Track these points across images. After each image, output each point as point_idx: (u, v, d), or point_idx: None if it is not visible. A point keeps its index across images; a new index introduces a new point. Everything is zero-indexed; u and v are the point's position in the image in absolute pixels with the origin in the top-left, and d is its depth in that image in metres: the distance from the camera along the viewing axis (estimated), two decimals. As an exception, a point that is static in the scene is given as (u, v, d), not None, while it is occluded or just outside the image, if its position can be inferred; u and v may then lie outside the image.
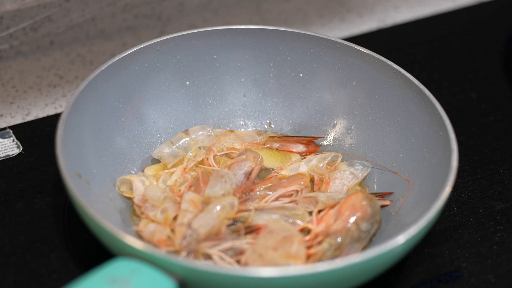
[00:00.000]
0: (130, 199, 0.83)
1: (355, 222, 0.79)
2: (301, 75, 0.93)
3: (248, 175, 0.86)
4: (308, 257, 0.77)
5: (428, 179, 0.81)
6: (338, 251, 0.78)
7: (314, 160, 0.88)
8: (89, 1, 1.05)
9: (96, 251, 0.77)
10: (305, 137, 0.91)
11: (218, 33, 0.91)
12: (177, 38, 0.90)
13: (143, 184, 0.83)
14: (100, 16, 1.07)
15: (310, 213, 0.82)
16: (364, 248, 0.79)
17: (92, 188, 0.80)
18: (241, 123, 0.94)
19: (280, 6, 1.18)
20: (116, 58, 0.86)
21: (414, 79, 0.86)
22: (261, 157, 0.88)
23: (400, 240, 0.71)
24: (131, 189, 0.83)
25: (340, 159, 0.88)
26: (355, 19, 1.17)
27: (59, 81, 1.03)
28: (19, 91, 1.01)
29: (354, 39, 1.05)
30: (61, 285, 0.77)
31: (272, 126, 0.94)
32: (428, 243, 0.83)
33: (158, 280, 0.68)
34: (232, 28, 0.92)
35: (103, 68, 0.85)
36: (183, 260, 0.69)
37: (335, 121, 0.92)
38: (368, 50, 0.89)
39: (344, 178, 0.86)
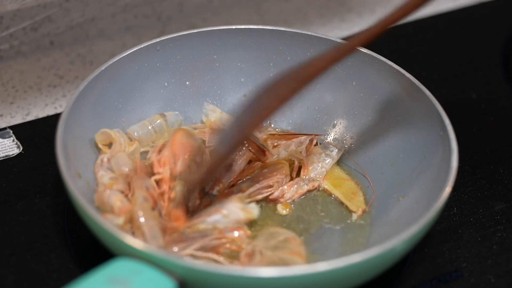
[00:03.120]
0: (99, 150, 0.84)
1: (191, 159, 0.83)
2: (301, 75, 0.93)
3: (228, 167, 0.87)
4: (169, 202, 0.80)
5: (428, 179, 0.81)
6: (186, 189, 0.81)
7: (292, 145, 0.88)
8: (89, 1, 1.05)
9: (96, 251, 0.77)
10: (304, 134, 0.91)
11: (218, 33, 0.91)
12: (177, 38, 0.90)
13: (120, 145, 0.84)
14: (100, 16, 1.07)
15: None
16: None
17: (92, 188, 0.80)
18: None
19: (280, 6, 1.18)
20: (116, 58, 0.86)
21: (414, 79, 0.86)
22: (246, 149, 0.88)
23: (400, 240, 0.71)
24: (107, 144, 0.84)
25: (315, 140, 0.89)
26: (355, 19, 1.17)
27: (59, 81, 1.03)
28: (19, 91, 1.01)
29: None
30: (61, 285, 0.77)
31: (272, 126, 0.94)
32: (428, 243, 0.83)
33: (158, 280, 0.68)
34: (232, 28, 0.92)
35: (103, 68, 0.85)
36: (183, 260, 0.69)
37: (335, 121, 0.92)
38: (368, 50, 0.89)
39: (321, 161, 0.88)
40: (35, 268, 0.80)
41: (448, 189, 0.75)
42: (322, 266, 0.68)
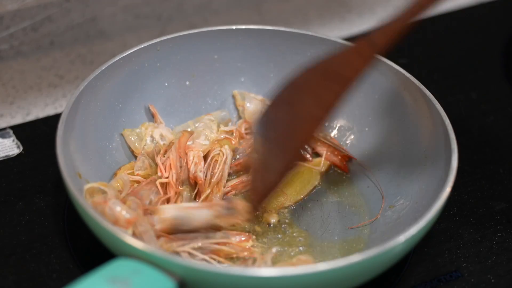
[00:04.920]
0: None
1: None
2: (301, 75, 0.93)
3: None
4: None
5: (428, 179, 0.81)
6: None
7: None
8: (90, 1, 1.05)
9: (96, 251, 0.77)
10: (343, 151, 0.89)
11: (218, 33, 0.92)
12: (177, 38, 0.90)
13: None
14: (100, 16, 1.07)
15: None
16: None
17: (92, 188, 0.80)
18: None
19: (280, 6, 1.18)
20: (116, 58, 0.86)
21: (414, 79, 0.86)
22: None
23: (400, 240, 0.71)
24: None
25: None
26: (355, 19, 1.17)
27: (59, 81, 1.03)
28: (19, 91, 1.01)
29: (354, 39, 1.05)
30: (61, 285, 0.77)
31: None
32: (428, 243, 0.83)
33: (158, 280, 0.68)
34: (232, 28, 0.92)
35: (103, 68, 0.85)
36: (183, 260, 0.69)
37: (335, 122, 0.92)
38: (368, 50, 0.89)
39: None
40: (35, 268, 0.80)
41: (448, 189, 0.75)
42: (322, 266, 0.68)
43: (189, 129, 0.89)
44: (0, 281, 0.78)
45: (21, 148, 0.92)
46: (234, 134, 0.88)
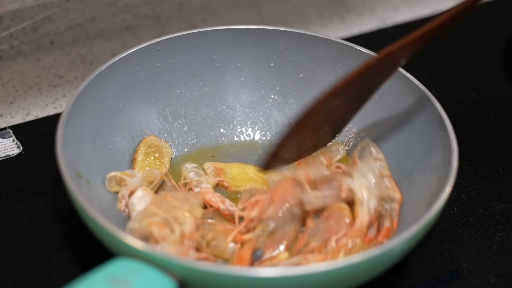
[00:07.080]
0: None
1: (288, 208, 0.80)
2: (301, 75, 0.93)
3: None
4: (242, 243, 0.78)
5: (428, 179, 0.81)
6: (271, 236, 0.79)
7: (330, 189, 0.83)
8: (89, 1, 1.05)
9: (96, 251, 0.77)
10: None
11: (218, 33, 0.92)
12: (177, 38, 0.90)
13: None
14: (100, 16, 1.07)
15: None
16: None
17: (92, 188, 0.80)
18: (241, 122, 0.94)
19: (280, 6, 1.18)
20: (116, 58, 0.86)
21: (414, 79, 0.86)
22: None
23: (400, 240, 0.71)
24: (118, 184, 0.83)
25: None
26: (355, 19, 1.17)
27: (59, 81, 1.03)
28: (19, 91, 1.01)
29: (354, 39, 1.05)
30: (61, 285, 0.77)
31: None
32: (428, 243, 0.83)
33: (158, 280, 0.68)
34: (232, 28, 0.92)
35: (103, 68, 0.85)
36: (183, 260, 0.69)
37: (335, 121, 0.92)
38: (368, 50, 0.89)
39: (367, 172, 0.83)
40: (35, 268, 0.80)
41: (448, 189, 0.75)
42: (322, 266, 0.68)
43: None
44: (0, 281, 0.78)
45: (21, 148, 0.92)
46: None
